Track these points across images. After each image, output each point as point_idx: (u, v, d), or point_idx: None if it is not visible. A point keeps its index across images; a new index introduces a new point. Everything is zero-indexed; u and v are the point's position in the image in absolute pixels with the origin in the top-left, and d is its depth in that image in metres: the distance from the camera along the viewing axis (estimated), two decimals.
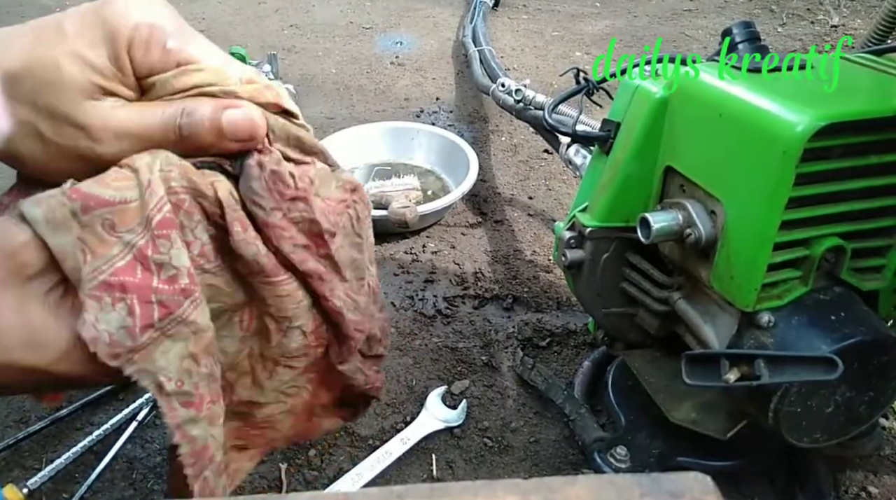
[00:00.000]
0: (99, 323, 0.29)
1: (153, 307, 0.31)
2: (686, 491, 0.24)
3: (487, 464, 0.72)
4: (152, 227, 0.31)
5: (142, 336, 0.30)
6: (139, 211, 0.31)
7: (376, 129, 1.30)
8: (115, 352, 0.30)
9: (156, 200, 0.31)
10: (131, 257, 0.30)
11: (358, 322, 0.39)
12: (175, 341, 0.31)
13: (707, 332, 0.59)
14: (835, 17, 1.99)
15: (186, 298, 0.32)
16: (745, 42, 0.58)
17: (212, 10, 2.12)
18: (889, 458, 0.71)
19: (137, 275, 0.30)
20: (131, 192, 0.31)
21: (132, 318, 0.30)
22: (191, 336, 0.32)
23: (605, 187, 0.63)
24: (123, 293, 0.30)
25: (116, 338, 0.30)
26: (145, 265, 0.31)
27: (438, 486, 0.24)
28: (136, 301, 0.30)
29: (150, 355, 0.31)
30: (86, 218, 0.30)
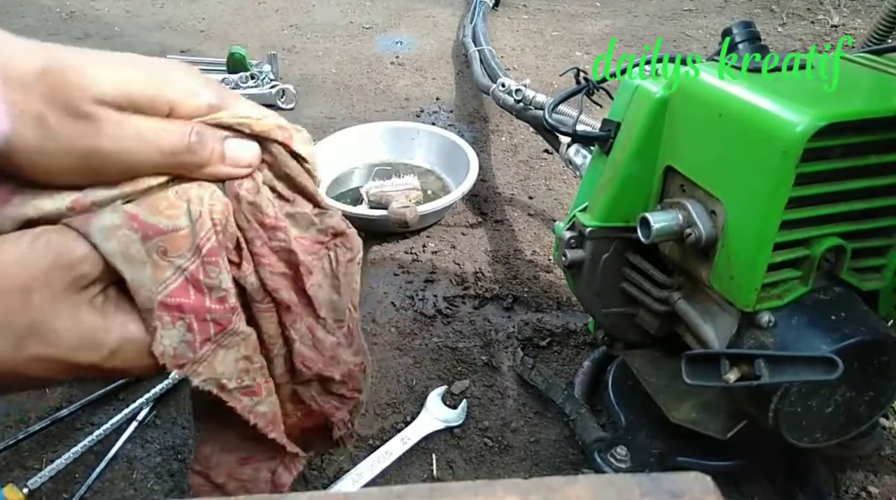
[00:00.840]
0: (163, 339, 0.34)
1: (209, 325, 0.35)
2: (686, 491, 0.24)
3: (487, 464, 0.72)
4: (202, 254, 0.35)
5: (201, 349, 0.35)
6: (189, 238, 0.34)
7: (376, 129, 1.30)
8: (180, 363, 0.34)
9: (205, 230, 0.35)
10: (183, 279, 0.34)
11: (308, 358, 0.41)
12: (229, 349, 0.36)
13: (707, 332, 0.59)
14: (835, 17, 1.99)
15: (233, 313, 0.36)
16: (745, 42, 0.58)
17: (212, 10, 2.12)
18: (889, 458, 0.71)
19: (191, 296, 0.34)
20: (181, 220, 0.34)
21: (192, 333, 0.34)
22: (241, 343, 0.37)
23: (605, 187, 0.63)
24: (181, 313, 0.34)
25: (179, 351, 0.34)
26: (197, 288, 0.35)
27: (438, 486, 0.24)
28: (194, 320, 0.34)
29: (211, 365, 0.35)
30: (146, 246, 0.33)
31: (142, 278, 0.33)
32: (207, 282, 0.35)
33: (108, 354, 0.33)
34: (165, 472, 0.71)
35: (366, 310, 0.94)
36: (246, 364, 0.37)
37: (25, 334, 0.30)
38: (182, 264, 0.34)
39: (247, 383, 0.37)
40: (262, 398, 0.38)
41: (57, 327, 0.31)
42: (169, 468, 0.71)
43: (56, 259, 0.31)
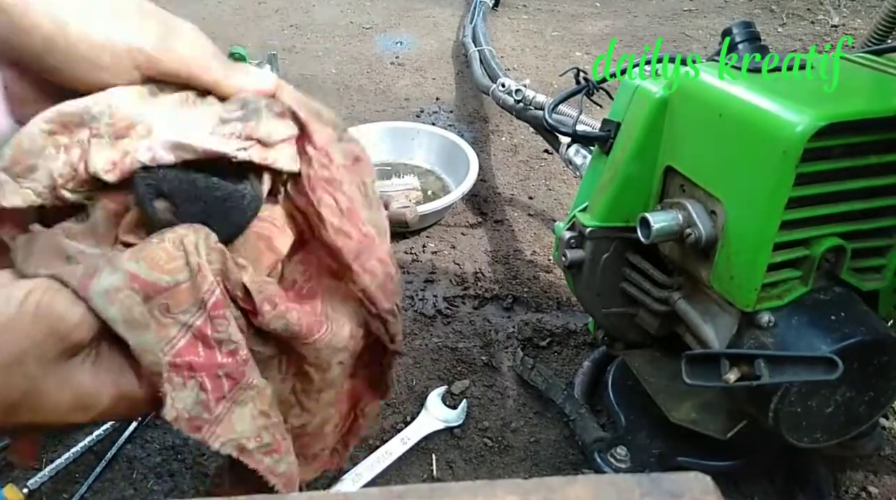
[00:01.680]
0: (176, 403, 0.32)
1: (222, 381, 0.33)
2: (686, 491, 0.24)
3: (487, 464, 0.72)
4: (207, 308, 0.33)
5: (217, 408, 0.33)
6: (191, 293, 0.33)
7: (376, 129, 1.30)
8: (196, 426, 0.33)
9: (207, 284, 0.33)
10: (191, 336, 0.33)
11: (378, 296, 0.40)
12: (244, 406, 0.34)
13: (707, 332, 0.59)
14: (835, 17, 1.99)
15: (246, 366, 0.34)
16: (745, 42, 0.58)
17: (212, 10, 2.12)
18: (889, 458, 0.71)
19: (201, 353, 0.33)
20: (182, 274, 0.33)
21: (205, 393, 0.33)
22: (256, 397, 0.35)
23: (605, 187, 0.63)
24: (192, 371, 0.33)
25: (194, 413, 0.33)
26: (206, 343, 0.33)
27: (438, 486, 0.24)
28: (206, 377, 0.33)
29: (230, 425, 0.34)
30: (148, 306, 0.32)
31: (146, 341, 0.31)
32: (216, 336, 0.33)
33: (100, 412, 0.32)
34: (165, 472, 0.71)
35: None
36: (264, 420, 0.35)
37: (16, 405, 0.29)
38: (187, 319, 0.33)
39: (266, 441, 0.35)
40: (282, 456, 0.36)
41: (49, 395, 0.30)
42: (169, 468, 0.71)
43: (49, 329, 0.29)
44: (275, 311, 0.35)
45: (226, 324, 0.33)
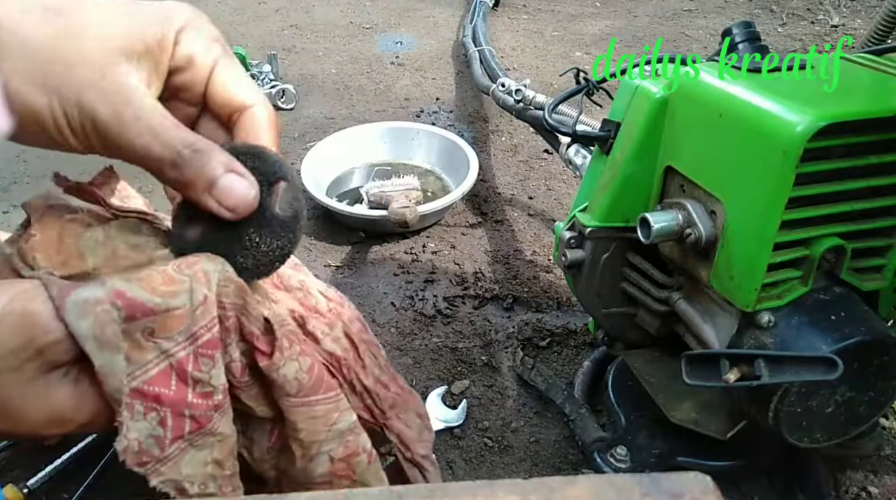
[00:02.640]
0: (129, 432, 0.29)
1: (185, 420, 0.31)
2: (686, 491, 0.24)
3: (487, 464, 0.72)
4: (197, 344, 0.31)
5: (170, 447, 0.30)
6: (184, 321, 0.30)
7: (376, 129, 1.30)
8: (142, 460, 0.30)
9: (207, 319, 0.31)
10: (167, 365, 0.30)
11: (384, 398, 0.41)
12: (200, 450, 0.32)
13: (707, 332, 0.59)
14: (835, 17, 1.99)
15: (217, 411, 0.32)
16: (745, 42, 0.58)
17: (212, 10, 2.12)
18: (889, 458, 0.71)
19: (172, 387, 0.30)
20: (178, 299, 0.30)
21: (163, 429, 0.30)
22: (216, 444, 0.32)
23: (605, 187, 0.63)
24: (157, 405, 0.30)
25: (145, 446, 0.30)
26: (182, 378, 0.30)
27: (438, 486, 0.24)
28: (169, 414, 0.30)
29: (177, 466, 0.31)
30: (126, 327, 0.29)
31: (112, 364, 0.29)
32: (196, 375, 0.31)
33: (77, 427, 0.31)
34: None
35: (366, 310, 0.94)
36: (215, 469, 0.32)
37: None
38: (169, 348, 0.30)
39: (211, 489, 0.32)
40: None
41: (25, 408, 0.29)
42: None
43: (25, 342, 0.28)
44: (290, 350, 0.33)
45: (210, 365, 0.31)
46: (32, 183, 1.22)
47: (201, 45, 0.33)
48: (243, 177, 0.33)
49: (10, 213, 1.15)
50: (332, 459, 0.37)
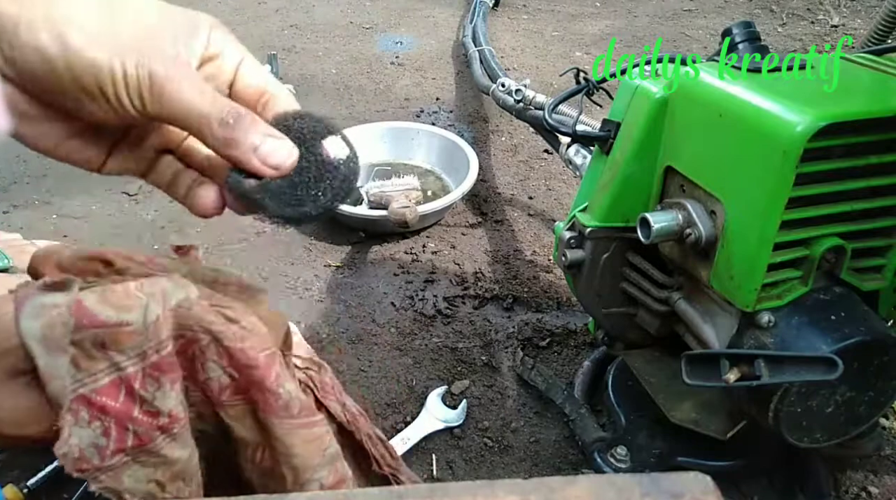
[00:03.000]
0: (72, 437, 0.29)
1: (128, 434, 0.31)
2: (686, 491, 0.24)
3: (487, 464, 0.72)
4: (146, 363, 0.31)
5: (111, 458, 0.30)
6: (135, 338, 0.30)
7: (376, 129, 1.30)
8: (81, 467, 0.30)
9: (156, 341, 0.31)
10: (116, 377, 0.30)
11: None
12: (143, 467, 0.32)
13: (707, 332, 0.59)
14: (835, 17, 1.99)
15: (162, 433, 0.31)
16: (745, 42, 0.58)
17: (212, 10, 2.12)
18: (889, 458, 0.71)
19: (119, 399, 0.30)
20: (131, 315, 0.30)
21: (106, 439, 0.30)
22: (160, 465, 0.32)
23: (605, 187, 0.63)
24: (103, 414, 0.30)
25: (86, 454, 0.30)
26: (129, 393, 0.31)
27: (438, 486, 0.24)
28: (113, 425, 0.30)
29: (118, 476, 0.31)
30: (77, 336, 0.29)
31: (56, 366, 0.29)
32: (142, 393, 0.31)
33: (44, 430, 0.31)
34: None
35: (366, 310, 0.94)
36: (156, 489, 0.32)
37: None
38: (120, 362, 0.30)
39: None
40: None
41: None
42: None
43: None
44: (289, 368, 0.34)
45: (155, 387, 0.31)
46: (32, 183, 1.22)
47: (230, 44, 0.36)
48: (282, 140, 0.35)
49: (10, 213, 1.15)
50: (321, 486, 0.37)
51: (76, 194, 1.19)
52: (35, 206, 1.17)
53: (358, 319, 0.93)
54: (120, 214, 1.15)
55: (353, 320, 0.92)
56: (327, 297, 0.97)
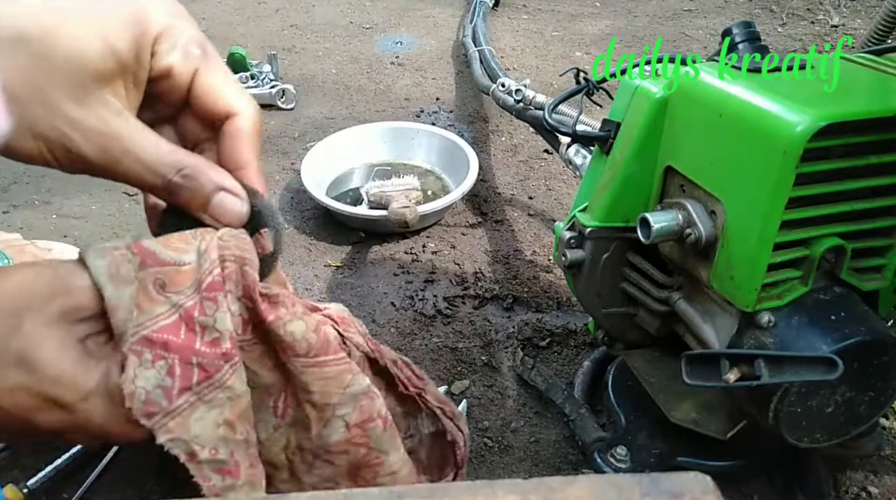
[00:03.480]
0: (137, 379, 0.30)
1: (193, 369, 0.31)
2: (686, 491, 0.24)
3: (487, 464, 0.72)
4: (202, 289, 0.31)
5: (178, 399, 0.30)
6: (192, 275, 0.31)
7: (376, 129, 1.30)
8: (149, 410, 0.30)
9: (208, 262, 0.32)
10: (177, 316, 0.31)
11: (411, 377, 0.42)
12: (211, 408, 0.31)
13: (707, 332, 0.59)
14: (835, 17, 1.99)
15: (226, 362, 0.32)
16: (745, 42, 0.58)
17: (212, 10, 2.12)
18: (889, 458, 0.71)
19: (181, 335, 0.31)
20: (188, 256, 0.32)
21: (171, 378, 0.30)
22: (227, 402, 0.32)
23: (605, 187, 0.63)
24: (165, 352, 0.30)
25: (153, 396, 0.30)
26: (190, 326, 0.31)
27: (438, 486, 0.24)
28: (177, 362, 0.30)
29: (185, 422, 0.31)
30: (140, 274, 0.31)
31: (121, 297, 0.30)
32: (202, 320, 0.31)
33: (81, 396, 0.30)
34: (165, 473, 0.71)
35: (366, 310, 0.94)
36: (227, 432, 0.32)
37: (9, 362, 0.29)
38: (179, 301, 0.31)
39: (222, 456, 0.31)
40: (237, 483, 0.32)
41: (41, 357, 0.29)
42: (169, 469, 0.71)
43: (54, 287, 0.30)
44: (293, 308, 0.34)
45: (214, 308, 0.31)
46: (32, 183, 1.22)
47: (179, 54, 0.33)
48: (235, 194, 0.34)
49: (10, 213, 1.15)
50: (347, 424, 0.36)
51: (76, 194, 1.19)
52: (35, 206, 1.17)
53: (358, 319, 0.93)
54: (120, 214, 1.15)
55: None
56: (327, 297, 0.97)
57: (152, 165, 0.32)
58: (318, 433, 0.36)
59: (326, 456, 0.37)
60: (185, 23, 0.34)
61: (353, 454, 0.37)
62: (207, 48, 0.35)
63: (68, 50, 0.29)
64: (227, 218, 0.34)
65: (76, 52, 0.30)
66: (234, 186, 0.34)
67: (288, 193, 1.22)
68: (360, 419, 0.37)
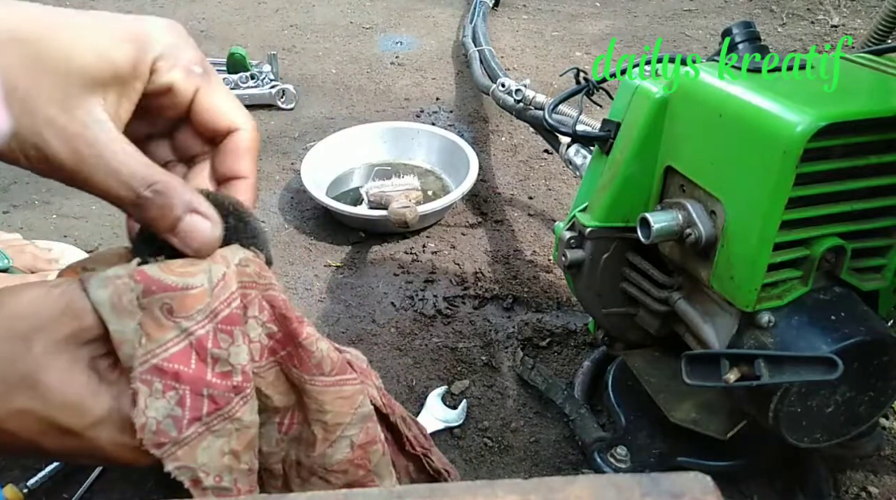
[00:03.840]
0: (148, 410, 0.29)
1: (203, 401, 0.30)
2: (686, 491, 0.24)
3: (487, 464, 0.72)
4: (217, 320, 0.31)
5: (188, 429, 0.30)
6: (202, 299, 0.31)
7: (376, 129, 1.30)
8: (159, 441, 0.30)
9: (227, 294, 0.31)
10: (187, 344, 0.30)
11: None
12: (218, 437, 0.31)
13: (707, 332, 0.59)
14: (835, 17, 1.99)
15: (237, 394, 0.31)
16: (745, 42, 0.58)
17: (212, 10, 2.12)
18: (889, 458, 0.71)
19: (192, 365, 0.30)
20: (196, 279, 0.31)
21: (182, 408, 0.30)
22: (234, 433, 0.32)
23: (605, 187, 0.63)
24: (176, 382, 0.30)
25: (163, 427, 0.30)
26: (201, 356, 0.31)
27: (438, 486, 0.24)
28: (188, 392, 0.30)
29: (193, 451, 0.31)
30: (145, 301, 0.30)
31: (126, 330, 0.30)
32: (215, 352, 0.31)
33: (90, 423, 0.30)
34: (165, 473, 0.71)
35: (366, 310, 0.94)
36: (231, 461, 0.32)
37: (16, 385, 0.29)
38: (189, 326, 0.30)
39: (226, 484, 0.32)
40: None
41: (48, 381, 0.29)
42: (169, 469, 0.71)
43: (65, 309, 0.29)
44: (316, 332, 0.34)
45: (229, 342, 0.31)
46: (32, 183, 1.22)
47: (180, 73, 0.33)
48: (206, 218, 0.33)
49: (10, 213, 1.15)
50: (352, 445, 0.36)
51: (76, 194, 1.18)
52: (35, 206, 1.17)
53: (358, 319, 0.93)
54: (119, 215, 1.13)
55: (353, 320, 0.92)
56: (327, 297, 0.97)
57: (123, 176, 0.31)
58: (322, 452, 0.36)
59: (323, 474, 0.37)
60: (186, 44, 0.34)
61: (351, 474, 0.38)
62: (208, 67, 0.35)
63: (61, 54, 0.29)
64: (195, 243, 0.32)
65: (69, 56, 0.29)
66: (208, 210, 0.33)
67: (288, 193, 1.22)
68: (364, 441, 0.37)
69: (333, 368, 0.35)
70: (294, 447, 0.37)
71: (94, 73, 0.30)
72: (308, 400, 0.35)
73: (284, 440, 0.36)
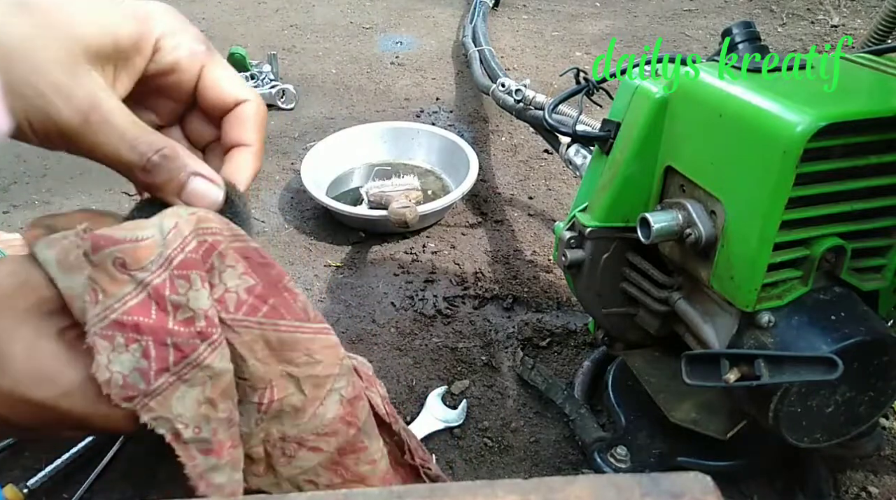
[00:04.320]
0: (112, 364, 0.29)
1: (168, 350, 0.30)
2: (686, 491, 0.24)
3: (487, 464, 0.72)
4: (172, 266, 0.30)
5: (157, 380, 0.29)
6: (154, 249, 0.30)
7: (376, 129, 1.30)
8: (128, 395, 0.29)
9: (179, 240, 0.31)
10: (145, 295, 0.30)
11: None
12: (192, 387, 0.30)
13: (707, 332, 0.59)
14: (835, 17, 1.99)
15: (203, 340, 0.31)
16: (745, 42, 0.58)
17: (212, 10, 2.12)
18: (889, 458, 0.71)
19: (152, 315, 0.30)
20: (145, 232, 0.30)
21: (147, 360, 0.29)
22: (208, 381, 0.31)
23: (605, 187, 0.63)
24: (138, 334, 0.29)
25: (130, 380, 0.29)
26: (161, 305, 0.30)
27: (438, 486, 0.24)
28: (152, 343, 0.29)
29: (167, 401, 0.30)
30: (96, 257, 0.29)
31: (74, 285, 0.29)
32: (174, 299, 0.30)
33: (62, 392, 0.29)
34: (165, 473, 0.71)
35: (366, 310, 0.94)
36: (208, 410, 0.31)
37: None
38: (145, 277, 0.30)
39: (204, 435, 0.31)
40: (220, 463, 0.31)
41: (13, 354, 0.28)
42: (169, 469, 0.71)
43: (23, 281, 0.29)
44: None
45: (186, 286, 0.30)
46: (32, 183, 1.22)
47: (185, 51, 0.34)
48: (210, 180, 0.34)
49: (10, 213, 1.15)
50: (342, 400, 0.36)
51: (76, 194, 1.19)
52: (35, 206, 1.17)
53: (358, 319, 0.93)
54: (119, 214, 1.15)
55: (353, 320, 0.92)
56: (327, 297, 0.97)
57: (131, 139, 0.31)
58: (313, 413, 0.35)
59: (314, 442, 0.36)
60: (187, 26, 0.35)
61: (342, 435, 0.37)
62: (210, 46, 0.36)
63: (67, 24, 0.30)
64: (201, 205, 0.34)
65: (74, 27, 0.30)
66: (212, 174, 0.34)
67: (288, 193, 1.22)
68: (352, 395, 0.37)
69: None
70: (276, 423, 0.35)
71: (95, 45, 0.31)
72: (296, 354, 0.34)
73: (264, 420, 0.35)
